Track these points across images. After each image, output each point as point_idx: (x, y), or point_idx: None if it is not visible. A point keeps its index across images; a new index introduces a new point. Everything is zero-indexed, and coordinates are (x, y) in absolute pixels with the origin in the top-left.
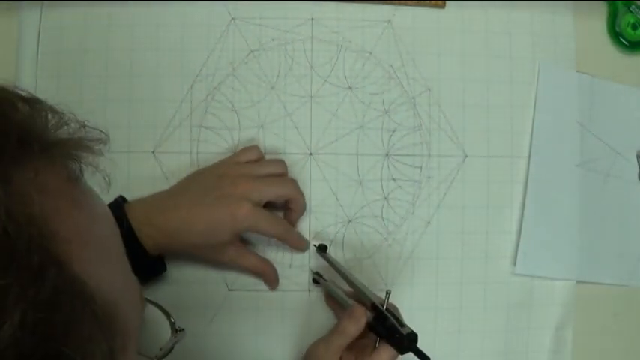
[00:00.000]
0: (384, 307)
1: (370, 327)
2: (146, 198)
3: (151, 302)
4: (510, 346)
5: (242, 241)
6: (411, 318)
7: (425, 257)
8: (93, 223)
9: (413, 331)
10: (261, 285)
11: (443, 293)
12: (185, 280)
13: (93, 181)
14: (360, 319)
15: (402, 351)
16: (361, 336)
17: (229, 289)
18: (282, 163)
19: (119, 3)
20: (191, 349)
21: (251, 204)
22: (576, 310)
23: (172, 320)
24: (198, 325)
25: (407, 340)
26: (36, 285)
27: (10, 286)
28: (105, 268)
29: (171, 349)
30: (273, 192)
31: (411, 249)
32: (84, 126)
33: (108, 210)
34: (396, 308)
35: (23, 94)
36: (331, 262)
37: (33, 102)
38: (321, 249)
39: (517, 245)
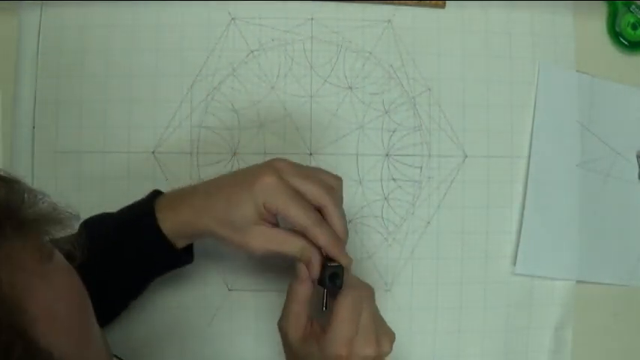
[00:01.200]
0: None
1: (319, 282)
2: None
3: None
4: (510, 346)
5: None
6: (411, 318)
7: (425, 257)
8: (61, 299)
9: (336, 265)
10: (261, 285)
11: (443, 293)
12: (185, 280)
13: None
14: (303, 277)
15: (329, 288)
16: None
17: (229, 289)
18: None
19: (119, 3)
20: (191, 349)
21: (275, 178)
22: (576, 310)
23: None
24: (198, 325)
25: (328, 279)
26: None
27: None
28: (71, 339)
29: None
30: (312, 184)
31: (411, 249)
32: (55, 208)
33: (77, 281)
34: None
35: (2, 174)
36: None
37: (11, 182)
38: None
39: (517, 245)
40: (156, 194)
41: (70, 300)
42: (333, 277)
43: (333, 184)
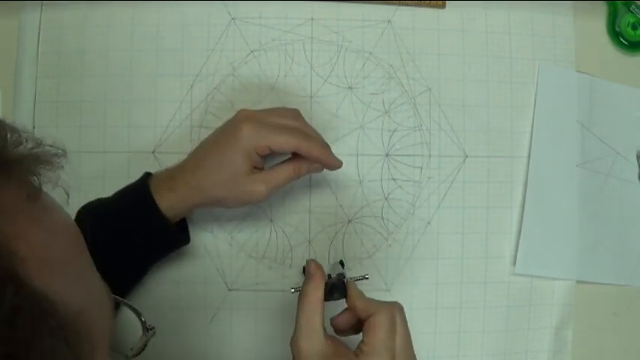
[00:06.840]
0: (344, 277)
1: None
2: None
3: (123, 302)
4: (510, 346)
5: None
6: (411, 318)
7: (425, 257)
8: (53, 238)
9: (335, 278)
10: (261, 285)
11: (443, 293)
12: (185, 280)
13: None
14: (314, 272)
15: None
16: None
17: (229, 289)
18: (296, 112)
19: (119, 3)
20: (191, 349)
21: (252, 123)
22: (576, 310)
23: (143, 319)
24: (198, 325)
25: (330, 289)
26: None
27: None
28: (66, 280)
29: (144, 347)
30: (282, 116)
31: (411, 249)
32: (40, 143)
33: (70, 221)
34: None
35: None
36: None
37: None
38: (341, 264)
39: (517, 245)
40: (147, 176)
41: (64, 240)
42: (332, 290)
43: (295, 112)
